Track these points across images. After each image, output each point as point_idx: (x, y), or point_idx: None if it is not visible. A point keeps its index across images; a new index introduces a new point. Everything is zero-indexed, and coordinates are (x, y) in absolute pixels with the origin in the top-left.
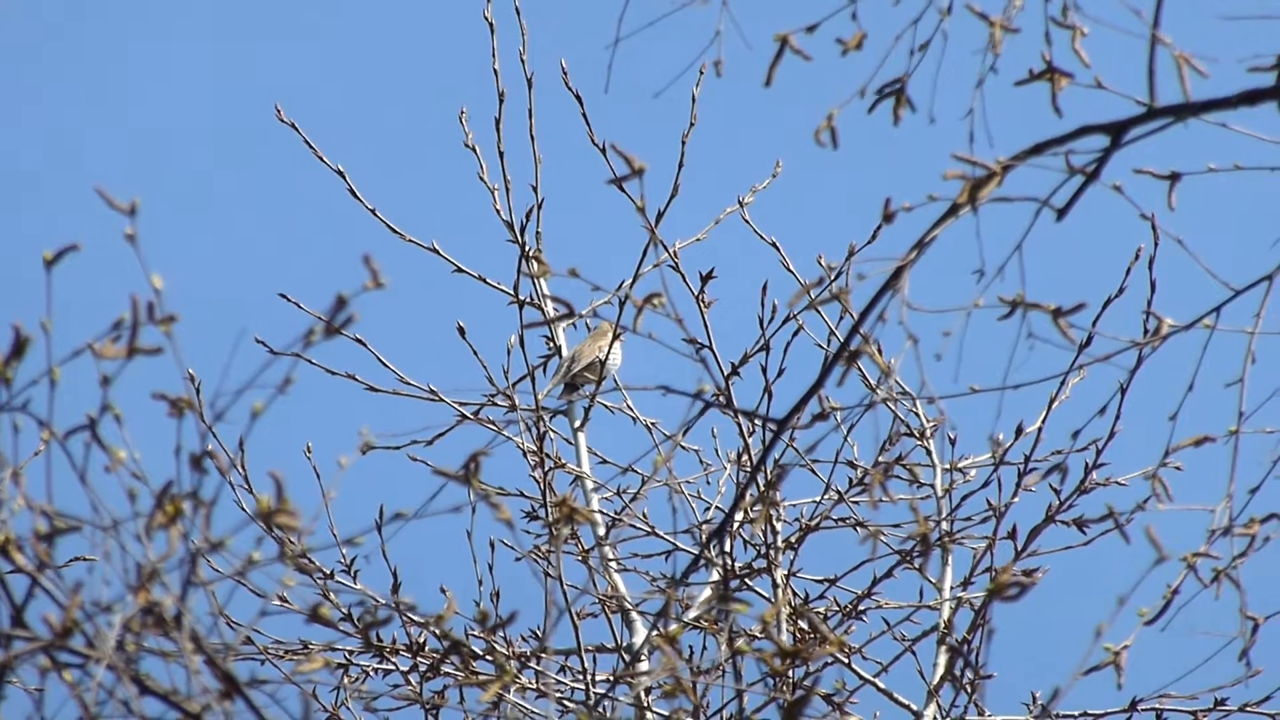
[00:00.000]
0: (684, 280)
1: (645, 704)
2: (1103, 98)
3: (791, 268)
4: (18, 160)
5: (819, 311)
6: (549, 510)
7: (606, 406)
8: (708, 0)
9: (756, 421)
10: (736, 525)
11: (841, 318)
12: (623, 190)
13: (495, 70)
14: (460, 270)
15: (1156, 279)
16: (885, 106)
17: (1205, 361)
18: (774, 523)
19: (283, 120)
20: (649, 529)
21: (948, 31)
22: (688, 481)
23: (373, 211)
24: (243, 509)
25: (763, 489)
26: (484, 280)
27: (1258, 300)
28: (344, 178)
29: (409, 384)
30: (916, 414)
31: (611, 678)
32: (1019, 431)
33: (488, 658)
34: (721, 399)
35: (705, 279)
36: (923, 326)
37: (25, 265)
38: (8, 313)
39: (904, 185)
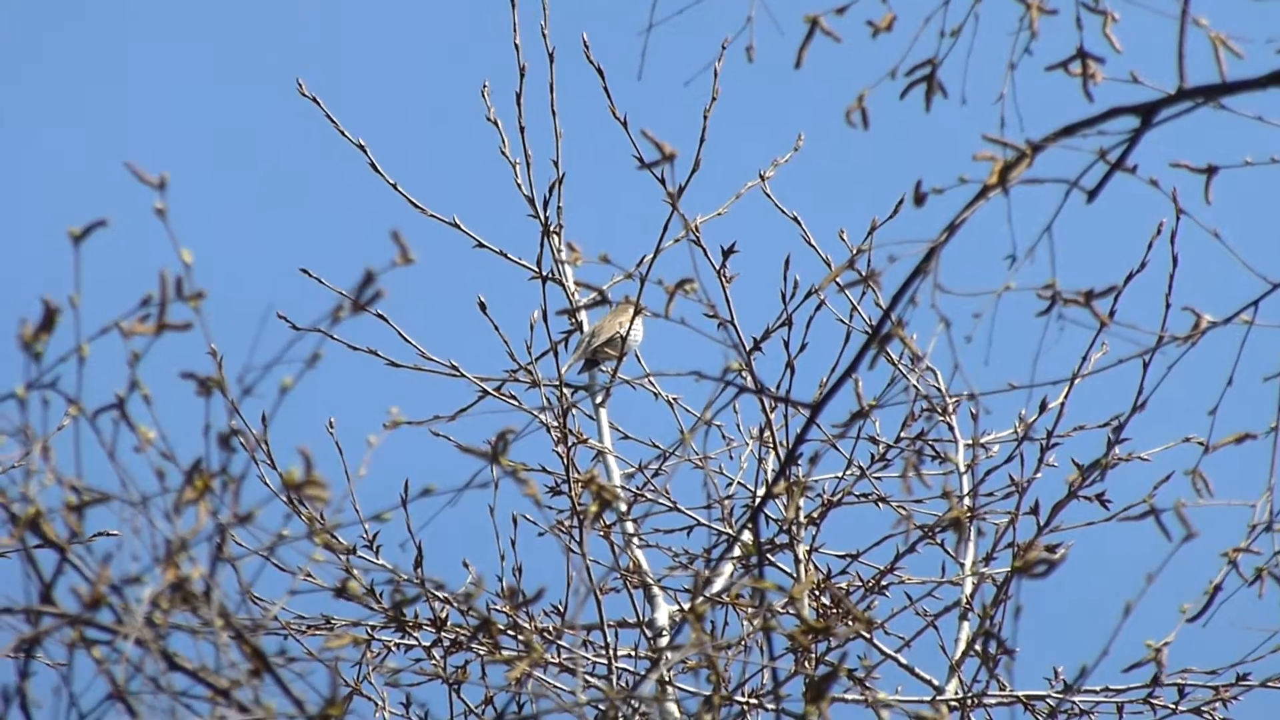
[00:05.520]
0: (705, 255)
1: (668, 679)
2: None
3: (813, 243)
4: (46, 135)
5: (845, 293)
6: (572, 486)
7: (628, 382)
8: None
9: (787, 405)
10: (760, 502)
11: (864, 294)
12: (654, 169)
13: (516, 45)
14: (481, 245)
15: (1179, 254)
16: (915, 91)
17: (1239, 352)
18: (799, 500)
19: (304, 95)
20: (671, 504)
21: (979, 13)
22: (710, 457)
23: (394, 186)
24: (267, 485)
25: (787, 475)
26: (505, 255)
27: None
28: (365, 152)
29: (430, 359)
30: (939, 389)
31: (634, 653)
32: (1043, 407)
33: (511, 633)
34: (751, 383)
35: (727, 254)
36: (952, 307)
37: (53, 242)
38: (36, 289)
39: (929, 160)
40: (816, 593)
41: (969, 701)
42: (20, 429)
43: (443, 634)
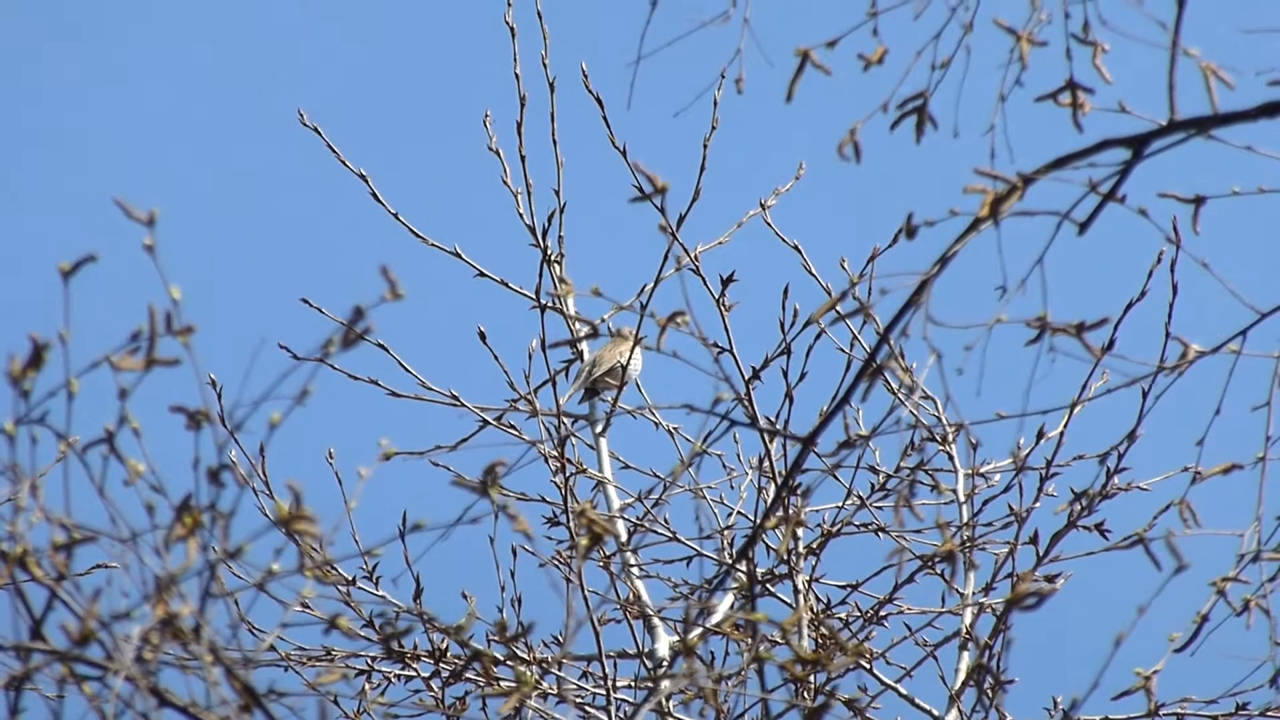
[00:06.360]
0: (705, 284)
1: (666, 710)
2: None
3: (814, 271)
4: (35, 167)
5: (846, 322)
6: (570, 517)
7: (628, 411)
8: (727, 19)
9: (784, 437)
10: (754, 534)
11: (864, 324)
12: (649, 201)
13: (517, 74)
14: (482, 274)
15: (1179, 282)
16: (907, 123)
17: (1227, 381)
18: (796, 531)
19: (305, 124)
20: (671, 534)
21: (970, 46)
22: (710, 487)
23: (395, 215)
24: (265, 515)
25: (786, 505)
26: (506, 284)
27: None
28: (366, 181)
29: (431, 389)
30: (939, 418)
31: (633, 684)
32: (1040, 436)
33: (509, 663)
34: (746, 416)
35: (726, 282)
36: (944, 338)
37: (43, 276)
38: (25, 324)
39: (926, 190)
40: (816, 623)
41: None
42: (9, 466)
43: (441, 665)
